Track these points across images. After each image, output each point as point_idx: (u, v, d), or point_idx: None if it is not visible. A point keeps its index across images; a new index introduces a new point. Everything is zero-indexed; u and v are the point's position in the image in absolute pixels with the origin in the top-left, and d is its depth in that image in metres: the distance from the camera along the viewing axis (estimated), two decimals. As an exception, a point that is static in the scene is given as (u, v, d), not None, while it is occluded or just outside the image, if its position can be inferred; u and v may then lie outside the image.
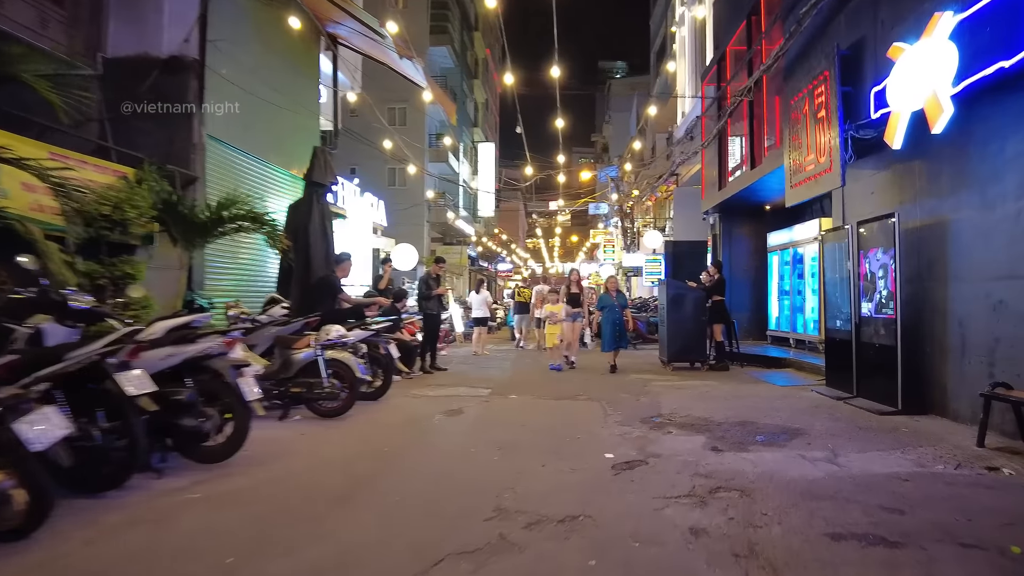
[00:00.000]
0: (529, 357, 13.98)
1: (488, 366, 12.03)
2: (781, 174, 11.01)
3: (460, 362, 12.72)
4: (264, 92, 10.47)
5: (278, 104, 11.05)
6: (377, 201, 17.38)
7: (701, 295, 11.13)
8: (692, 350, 11.07)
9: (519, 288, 19.43)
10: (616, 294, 10.53)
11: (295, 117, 11.97)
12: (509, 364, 12.44)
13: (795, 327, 13.13)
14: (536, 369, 11.24)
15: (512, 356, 14.19)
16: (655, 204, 28.51)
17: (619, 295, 10.61)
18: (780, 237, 13.81)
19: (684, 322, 11.01)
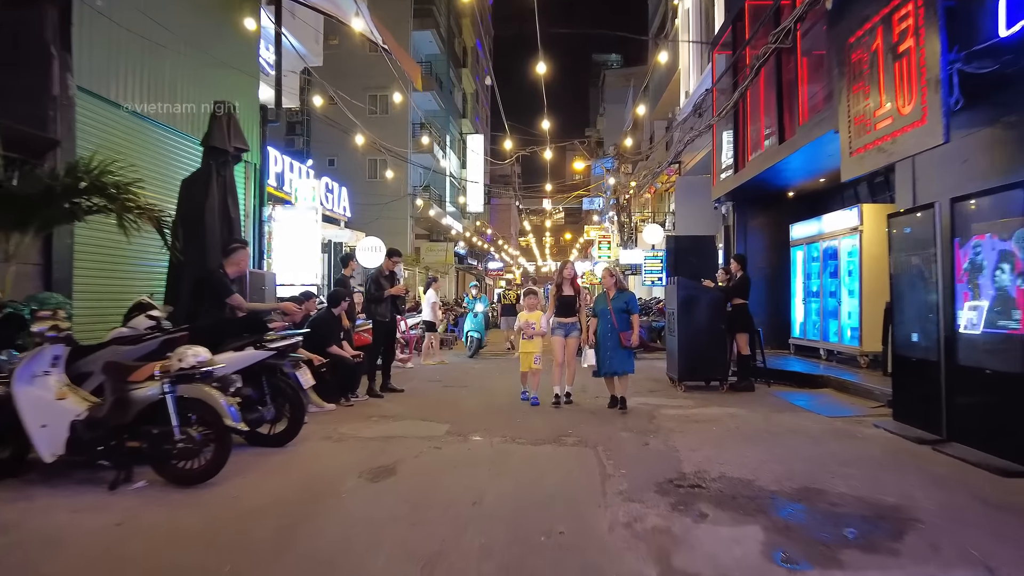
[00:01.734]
0: (515, 369, 11.83)
1: (461, 384, 9.86)
2: (816, 149, 8.91)
3: (429, 378, 10.54)
4: (166, 38, 8.27)
5: (186, 53, 8.84)
6: (337, 187, 15.16)
7: (719, 298, 8.99)
8: (709, 365, 8.93)
9: (505, 290, 19.07)
10: (617, 293, 7.50)
11: (221, 78, 9.76)
12: (488, 381, 10.26)
13: (826, 335, 11.01)
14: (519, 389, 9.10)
15: (494, 368, 12.03)
16: (654, 197, 26.39)
17: (621, 295, 7.50)
18: (806, 229, 11.68)
19: (699, 331, 8.87)
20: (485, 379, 10.49)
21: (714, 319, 8.90)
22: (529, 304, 7.95)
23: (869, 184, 11.08)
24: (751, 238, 13.02)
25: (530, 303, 7.96)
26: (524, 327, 7.78)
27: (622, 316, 7.41)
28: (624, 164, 25.83)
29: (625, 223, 25.95)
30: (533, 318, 7.80)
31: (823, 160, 9.54)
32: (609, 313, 7.41)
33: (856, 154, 6.40)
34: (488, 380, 10.36)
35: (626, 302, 7.47)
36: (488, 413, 7.25)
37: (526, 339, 7.77)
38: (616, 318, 7.37)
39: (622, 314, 7.41)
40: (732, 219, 13.32)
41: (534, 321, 7.77)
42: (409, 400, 8.14)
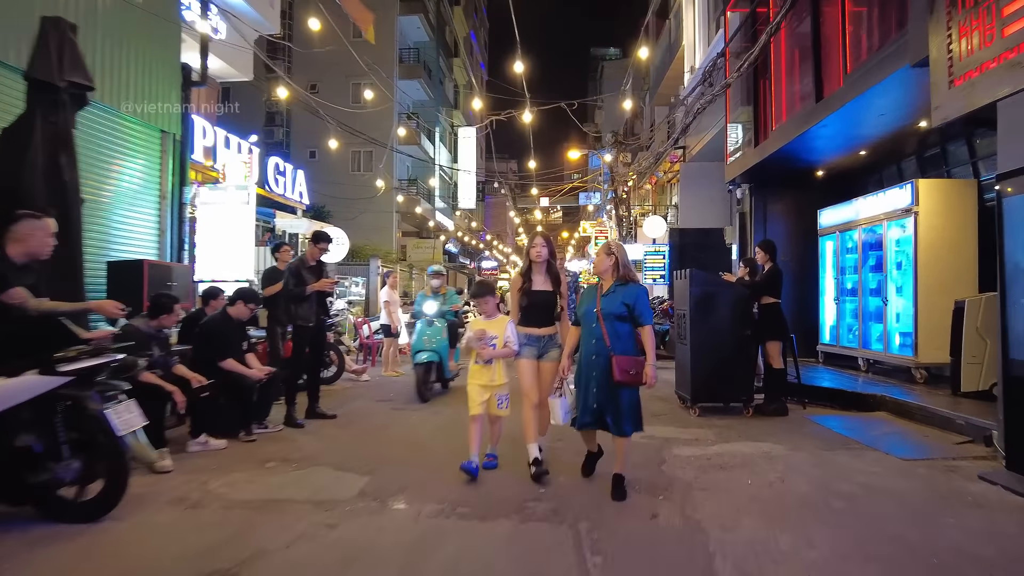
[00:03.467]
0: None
1: (417, 405, 7.88)
2: (864, 106, 7.02)
3: (380, 396, 8.57)
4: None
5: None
6: (290, 169, 13.18)
7: (744, 296, 7.04)
8: (730, 383, 6.99)
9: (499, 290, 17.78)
10: (615, 286, 4.33)
11: (122, 20, 7.81)
12: (453, 402, 8.30)
13: (866, 342, 9.07)
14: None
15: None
16: (655, 188, 24.46)
17: (621, 290, 4.30)
18: (840, 214, 9.74)
19: (718, 338, 6.94)
20: (451, 399, 8.53)
21: (737, 323, 6.96)
22: (485, 307, 4.71)
23: (919, 159, 9.15)
24: (771, 226, 11.08)
25: (485, 305, 4.70)
26: (474, 342, 4.56)
27: (619, 326, 4.21)
28: (623, 153, 23.87)
29: (624, 217, 24.00)
30: (493, 328, 4.61)
31: (870, 122, 7.63)
32: (597, 318, 4.21)
33: (963, 81, 4.46)
34: (454, 401, 8.39)
35: (629, 302, 4.21)
36: (434, 456, 5.25)
37: (480, 364, 4.63)
38: (608, 329, 4.18)
39: (619, 322, 4.21)
40: (749, 204, 11.38)
41: (494, 333, 4.59)
42: (336, 433, 6.14)
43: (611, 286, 4.31)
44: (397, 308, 11.17)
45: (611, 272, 4.35)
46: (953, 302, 7.09)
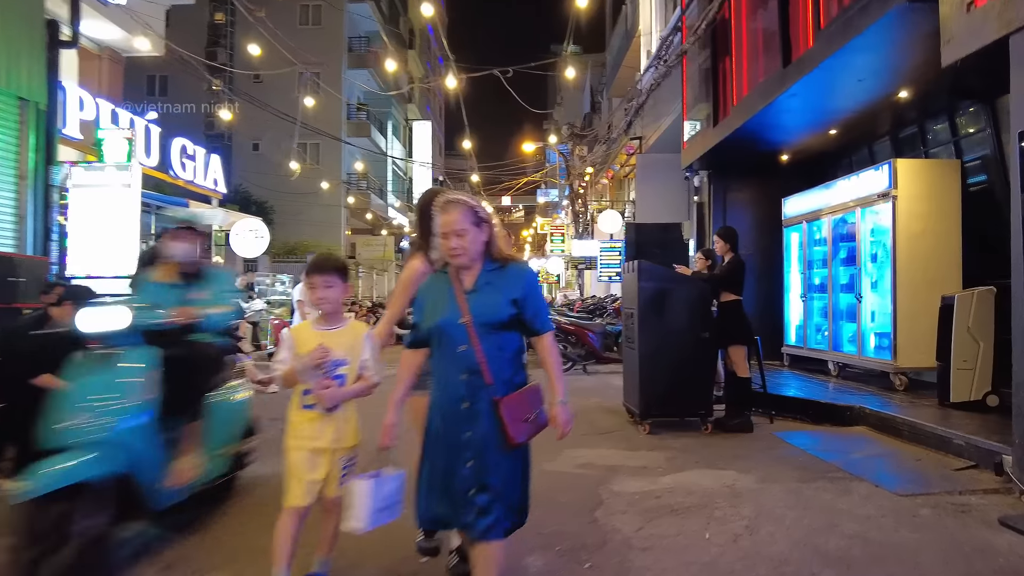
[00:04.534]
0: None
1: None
2: (840, 68, 6.05)
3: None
4: None
5: None
6: (202, 153, 11.73)
7: (702, 292, 5.98)
8: (686, 393, 5.91)
9: None
10: (485, 271, 2.45)
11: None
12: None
13: (837, 343, 8.13)
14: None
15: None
16: (612, 183, 23.54)
17: (494, 278, 2.44)
18: (807, 202, 8.81)
19: (672, 341, 5.86)
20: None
21: (694, 323, 5.88)
22: (324, 299, 2.70)
23: (894, 140, 8.25)
24: (732, 216, 10.09)
25: (326, 296, 2.69)
26: (306, 369, 2.58)
27: (502, 342, 2.41)
28: (579, 147, 22.87)
29: (580, 212, 23.00)
30: (340, 342, 2.67)
31: (846, 90, 6.66)
32: (468, 335, 2.35)
33: (983, 2, 3.41)
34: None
35: (518, 296, 2.42)
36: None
37: (318, 410, 2.64)
38: (486, 350, 2.35)
39: (501, 334, 2.41)
40: (708, 193, 10.40)
41: (342, 353, 2.67)
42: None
43: (479, 275, 2.42)
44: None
45: (477, 252, 2.40)
46: (939, 298, 6.14)
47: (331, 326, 2.72)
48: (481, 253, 2.41)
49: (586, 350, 10.57)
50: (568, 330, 10.66)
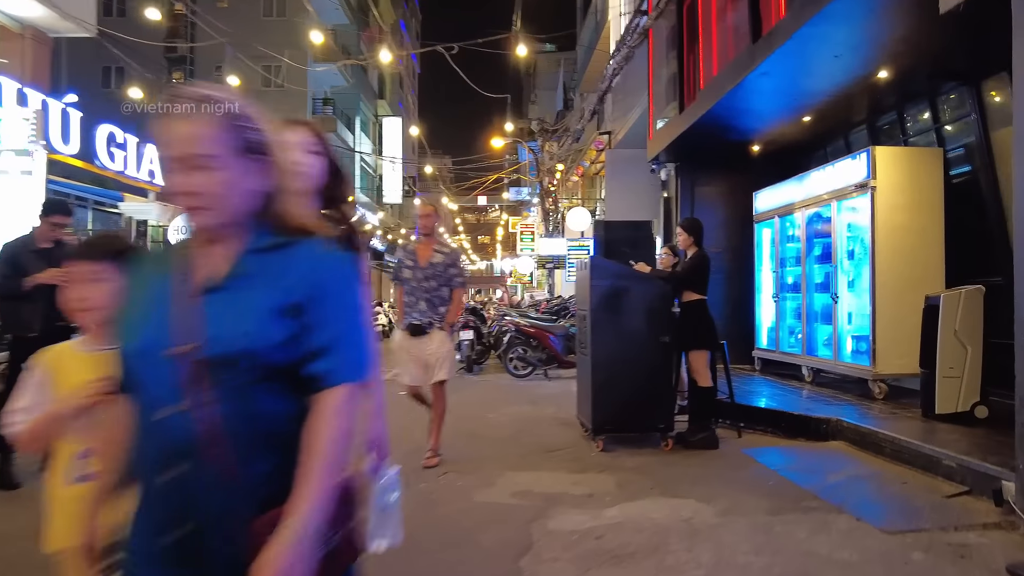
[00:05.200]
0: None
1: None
2: (817, 40, 5.41)
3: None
4: None
5: None
6: (135, 142, 10.82)
7: (661, 292, 5.32)
8: (644, 405, 5.25)
9: None
10: (255, 260, 1.16)
11: None
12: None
13: (811, 347, 7.55)
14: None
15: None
16: (583, 181, 22.93)
17: (267, 263, 1.16)
18: (779, 195, 8.23)
19: (628, 347, 5.21)
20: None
21: (653, 326, 5.22)
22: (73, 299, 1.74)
23: (871, 128, 7.69)
24: (701, 212, 9.42)
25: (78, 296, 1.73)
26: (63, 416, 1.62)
27: (260, 402, 1.11)
28: (549, 143, 22.22)
29: (551, 211, 22.35)
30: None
31: (821, 68, 6.07)
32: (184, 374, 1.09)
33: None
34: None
35: (300, 299, 1.13)
36: None
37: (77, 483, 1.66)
38: (225, 407, 1.08)
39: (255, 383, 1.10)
40: (675, 186, 9.79)
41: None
42: None
43: (238, 256, 1.17)
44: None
45: (239, 207, 1.17)
46: (921, 298, 5.57)
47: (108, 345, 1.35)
48: (250, 211, 1.18)
49: (547, 354, 9.91)
50: (528, 332, 9.99)
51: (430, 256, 4.84)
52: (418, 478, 4.46)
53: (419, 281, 4.79)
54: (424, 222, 4.97)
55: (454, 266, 4.92)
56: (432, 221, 4.96)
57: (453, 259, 4.94)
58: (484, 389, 9.04)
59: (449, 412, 7.28)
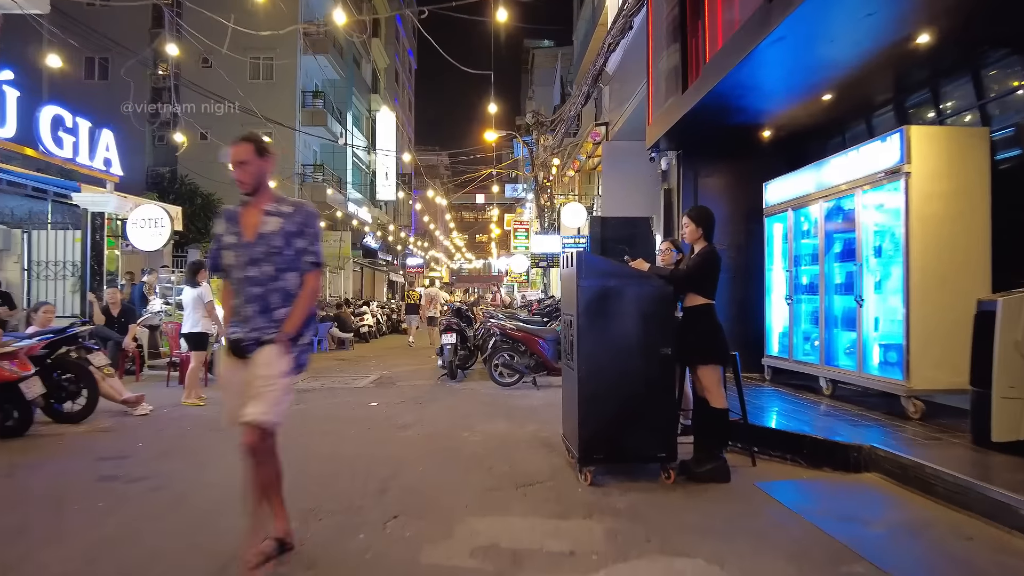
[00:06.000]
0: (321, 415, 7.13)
1: (150, 488, 5.02)
2: (832, 7, 4.51)
3: (102, 454, 5.65)
4: None
5: None
6: (86, 126, 9.90)
7: (660, 294, 4.42)
8: (641, 429, 4.36)
9: (408, 291, 20.06)
10: None
11: None
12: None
13: (831, 357, 6.68)
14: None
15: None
16: (580, 177, 22.04)
17: None
18: (793, 186, 7.35)
19: (622, 359, 4.33)
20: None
21: (652, 335, 4.34)
22: None
23: (898, 108, 6.81)
24: (704, 204, 8.53)
25: None
26: None
27: None
28: (544, 136, 21.31)
29: (546, 206, 21.46)
30: None
31: (846, 30, 5.20)
32: None
33: None
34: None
35: None
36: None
37: None
38: None
39: None
40: (676, 177, 8.91)
41: None
42: None
43: None
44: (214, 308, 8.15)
45: None
46: (964, 302, 4.72)
47: None
48: None
49: (536, 360, 9.03)
50: (515, 337, 9.10)
51: (258, 224, 2.98)
52: (356, 526, 3.58)
53: (244, 266, 2.96)
54: (241, 173, 2.99)
55: (302, 235, 3.00)
56: (255, 169, 2.99)
57: (300, 223, 3.01)
58: (464, 399, 8.17)
59: (419, 427, 6.43)
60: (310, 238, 3.03)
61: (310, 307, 3.06)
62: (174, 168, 28.32)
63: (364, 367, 11.93)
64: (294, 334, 2.96)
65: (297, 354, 3.01)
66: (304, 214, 3.05)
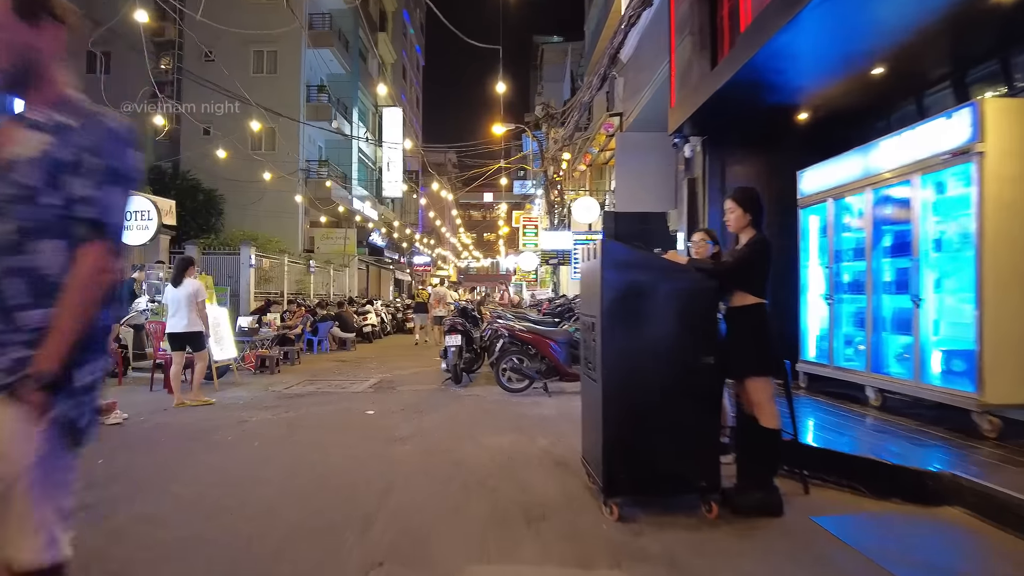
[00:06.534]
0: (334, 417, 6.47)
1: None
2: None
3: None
4: None
5: None
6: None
7: (704, 291, 3.71)
8: (678, 453, 3.65)
9: (418, 290, 19.81)
10: None
11: None
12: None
13: (879, 364, 5.94)
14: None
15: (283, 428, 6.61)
16: (591, 172, 21.32)
17: None
18: (835, 173, 6.61)
19: (654, 370, 3.62)
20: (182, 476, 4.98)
21: (692, 341, 3.64)
22: None
23: (957, 83, 6.07)
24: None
25: None
26: None
27: None
28: (553, 129, 20.58)
29: (556, 202, 20.73)
30: None
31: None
32: None
33: None
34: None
35: None
36: None
37: None
38: None
39: None
40: (702, 166, 8.18)
41: None
42: None
43: None
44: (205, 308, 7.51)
45: None
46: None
47: None
48: None
49: (547, 364, 8.33)
50: (524, 339, 8.40)
51: (5, 143, 1.68)
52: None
53: None
54: None
55: (81, 171, 1.65)
56: (12, 42, 1.68)
57: (84, 148, 1.65)
58: (468, 407, 7.48)
59: (417, 440, 5.76)
60: (97, 179, 1.64)
61: (92, 309, 1.64)
62: (176, 163, 27.77)
63: (364, 369, 11.26)
64: (58, 369, 1.57)
65: (67, 412, 1.59)
66: (97, 131, 1.67)
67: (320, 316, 14.99)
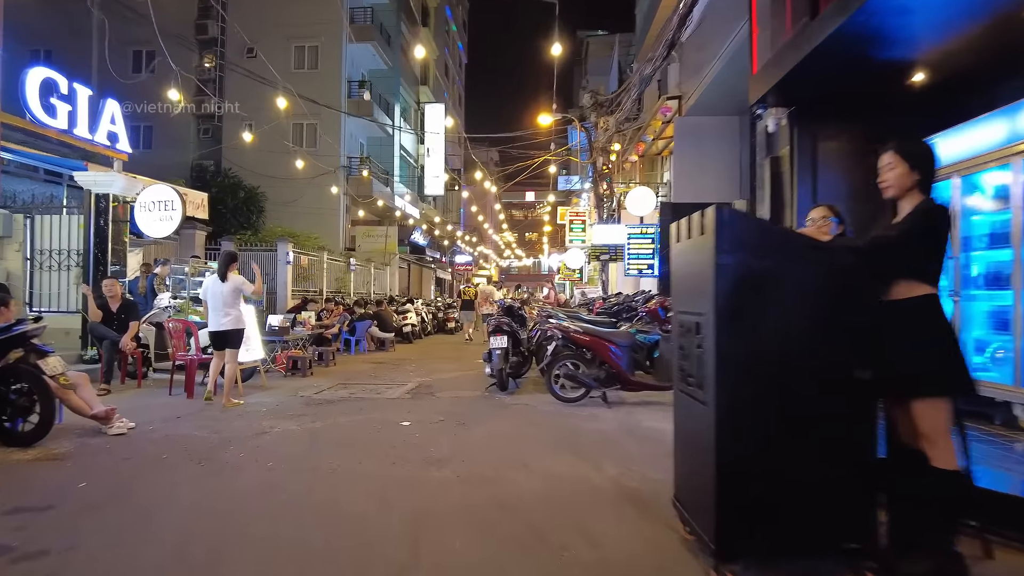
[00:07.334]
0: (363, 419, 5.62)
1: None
2: None
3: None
4: None
5: None
6: (86, 95, 8.58)
7: (853, 280, 2.67)
8: (820, 500, 2.61)
9: (465, 288, 19.64)
10: None
11: None
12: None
13: (1029, 375, 4.77)
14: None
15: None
16: (642, 163, 20.18)
17: None
18: (961, 144, 5.48)
19: (787, 387, 2.58)
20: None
21: (839, 348, 2.61)
22: None
23: None
24: (826, 174, 6.77)
25: None
26: None
27: None
28: (603, 118, 19.49)
29: (605, 196, 19.63)
30: None
31: None
32: None
33: None
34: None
35: None
36: None
37: None
38: None
39: None
40: (790, 141, 7.03)
41: None
42: None
43: None
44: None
45: None
46: None
47: None
48: None
49: (607, 371, 7.31)
50: (580, 342, 7.41)
51: None
52: None
53: None
54: None
55: None
56: None
57: None
58: (516, 419, 6.53)
59: (456, 463, 4.83)
60: None
61: None
62: (217, 161, 27.62)
63: (402, 372, 10.42)
64: None
65: None
66: None
67: (358, 315, 14.26)
